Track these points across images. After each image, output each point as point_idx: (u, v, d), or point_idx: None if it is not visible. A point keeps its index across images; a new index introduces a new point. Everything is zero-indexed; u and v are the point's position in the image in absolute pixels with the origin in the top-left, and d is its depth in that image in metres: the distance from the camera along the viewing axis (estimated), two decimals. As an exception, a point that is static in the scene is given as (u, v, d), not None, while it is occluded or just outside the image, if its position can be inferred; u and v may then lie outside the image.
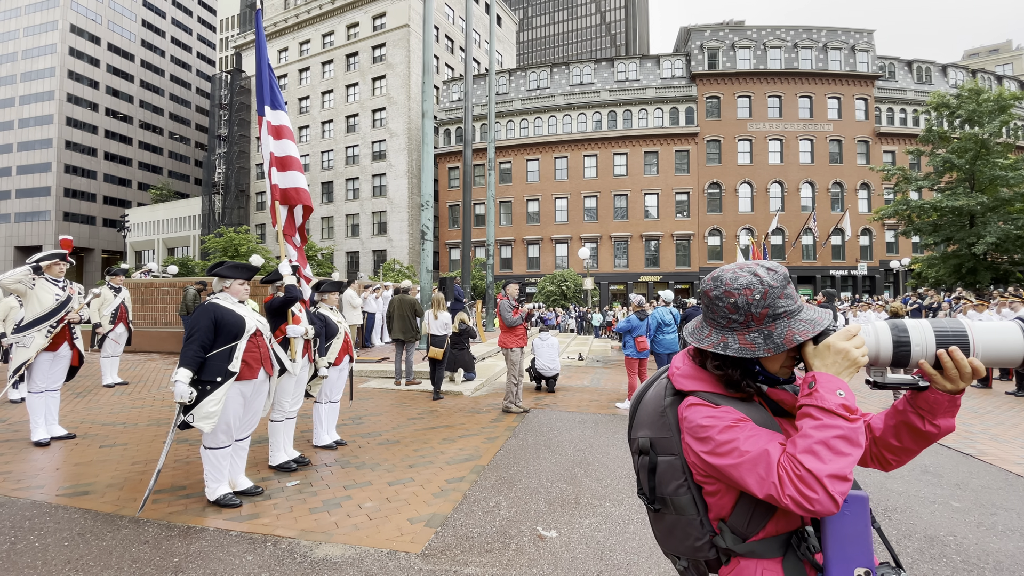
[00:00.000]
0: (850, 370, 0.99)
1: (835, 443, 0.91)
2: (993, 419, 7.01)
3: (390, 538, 3.18)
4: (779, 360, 1.10)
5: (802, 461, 0.91)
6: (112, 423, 5.83)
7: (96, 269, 60.70)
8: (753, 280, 1.07)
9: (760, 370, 1.12)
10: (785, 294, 1.07)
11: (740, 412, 1.05)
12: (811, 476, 0.90)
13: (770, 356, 1.07)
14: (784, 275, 1.10)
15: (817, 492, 0.90)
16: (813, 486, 0.90)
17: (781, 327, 1.06)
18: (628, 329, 7.44)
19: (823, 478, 0.89)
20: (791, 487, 0.92)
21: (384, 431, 5.79)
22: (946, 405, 1.04)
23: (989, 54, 73.74)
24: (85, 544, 3.01)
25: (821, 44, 36.41)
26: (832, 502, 0.90)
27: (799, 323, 1.06)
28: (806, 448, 0.92)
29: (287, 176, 4.77)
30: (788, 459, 0.94)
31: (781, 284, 1.08)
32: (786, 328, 1.05)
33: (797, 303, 1.08)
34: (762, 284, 1.07)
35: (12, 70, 60.94)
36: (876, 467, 1.17)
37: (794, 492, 0.91)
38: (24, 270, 4.77)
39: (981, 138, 20.46)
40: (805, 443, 0.93)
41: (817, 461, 0.91)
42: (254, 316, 3.69)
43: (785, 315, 1.06)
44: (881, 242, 36.53)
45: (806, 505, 0.91)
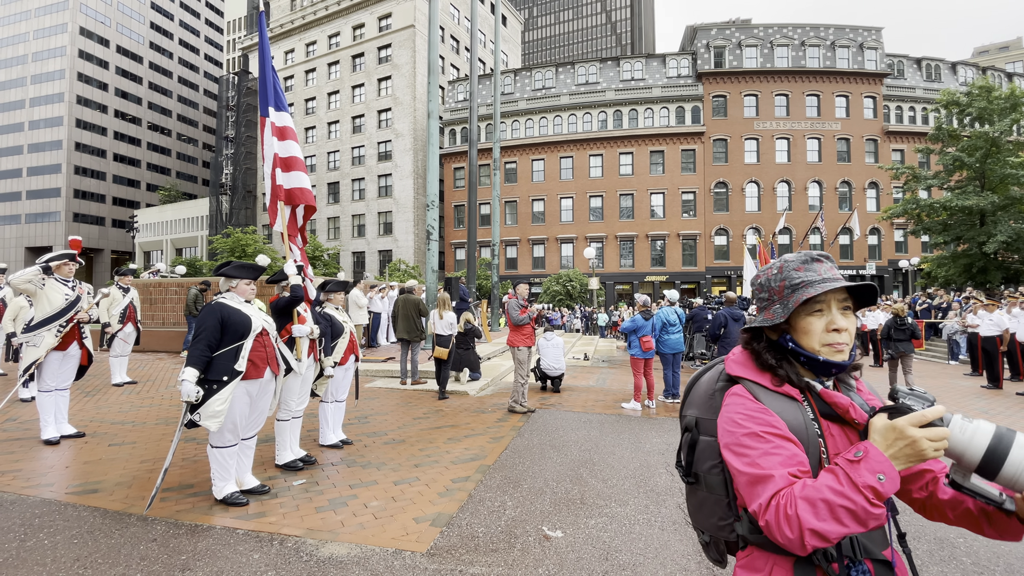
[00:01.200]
0: (910, 460, 0.91)
1: (839, 512, 0.89)
2: (1004, 420, 6.94)
3: (396, 537, 3.18)
4: (810, 334, 1.10)
5: (798, 507, 0.91)
6: (121, 422, 5.88)
7: (105, 269, 61.27)
8: (776, 262, 1.19)
9: (795, 347, 1.11)
10: (804, 268, 1.13)
11: (775, 416, 1.05)
12: (797, 522, 0.90)
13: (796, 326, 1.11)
14: (809, 254, 1.16)
15: (793, 536, 0.91)
16: (793, 530, 0.91)
17: (797, 295, 1.10)
18: (633, 329, 7.42)
19: (806, 529, 0.90)
20: (774, 517, 0.94)
21: (390, 430, 5.80)
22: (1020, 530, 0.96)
23: (999, 51, 72.93)
24: (94, 542, 3.03)
25: (829, 42, 36.14)
26: (801, 548, 0.91)
27: (812, 287, 1.09)
28: (810, 498, 0.91)
29: (291, 176, 4.78)
30: (788, 495, 0.94)
31: (799, 259, 1.15)
32: (800, 294, 1.09)
33: (820, 276, 1.11)
34: (781, 261, 1.18)
35: (23, 72, 61.64)
36: (915, 510, 1.15)
37: (774, 522, 0.94)
38: (34, 270, 4.82)
39: (992, 136, 20.24)
40: (813, 494, 0.92)
41: (811, 515, 0.90)
42: (260, 316, 3.71)
43: (803, 285, 1.11)
44: (890, 241, 36.22)
45: (777, 537, 0.93)
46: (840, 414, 1.09)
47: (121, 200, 64.71)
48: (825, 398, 1.10)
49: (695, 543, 3.20)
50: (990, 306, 10.47)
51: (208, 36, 78.54)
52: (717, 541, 1.23)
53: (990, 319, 10.01)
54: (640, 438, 5.70)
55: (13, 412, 6.10)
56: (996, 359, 9.69)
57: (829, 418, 1.10)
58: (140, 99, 66.91)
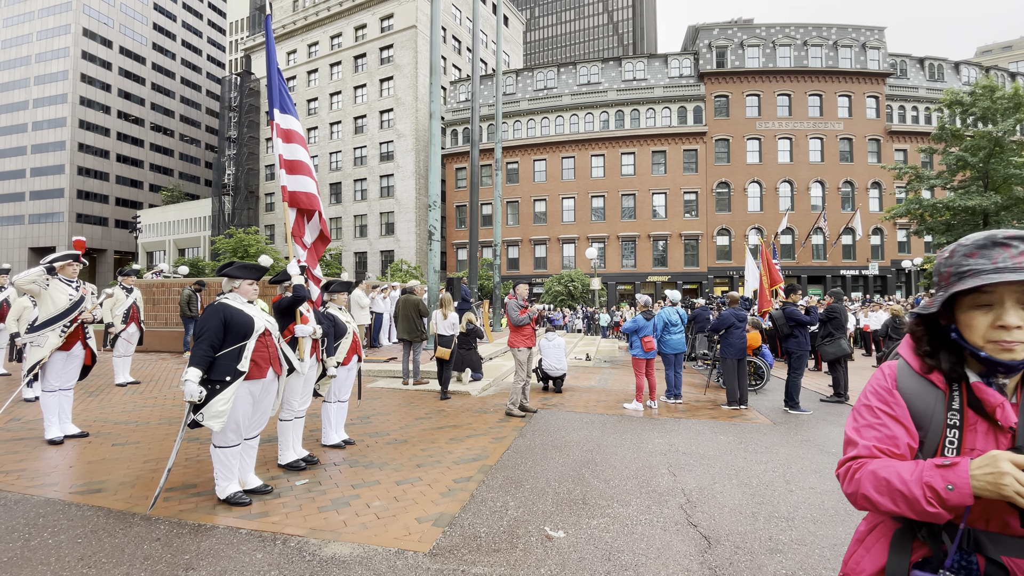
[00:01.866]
0: (988, 489, 0.92)
1: (895, 494, 1.00)
2: (1007, 421, 6.92)
3: (398, 537, 3.19)
4: (972, 328, 1.05)
5: (863, 474, 1.06)
6: (124, 422, 5.90)
7: (108, 270, 61.45)
8: (952, 245, 1.11)
9: (958, 338, 1.08)
10: (979, 254, 1.04)
11: (899, 398, 1.13)
12: (855, 484, 1.07)
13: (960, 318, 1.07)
14: (991, 237, 1.05)
15: (848, 490, 1.10)
16: (849, 486, 1.10)
17: (961, 282, 1.03)
18: (634, 329, 7.42)
19: (859, 491, 1.06)
20: (843, 473, 1.12)
21: (392, 430, 5.81)
22: None
23: (1002, 51, 72.64)
24: (98, 541, 3.05)
25: (831, 42, 36.07)
26: (854, 500, 1.09)
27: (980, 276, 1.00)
28: (877, 472, 1.04)
29: (296, 180, 4.79)
30: (861, 464, 1.09)
31: (974, 243, 1.06)
32: (965, 282, 1.02)
33: (994, 264, 1.01)
34: (956, 244, 1.10)
35: (26, 73, 61.88)
36: None
37: (841, 474, 1.13)
38: (38, 271, 4.84)
39: (995, 136, 20.15)
40: (883, 470, 1.03)
41: (871, 484, 1.04)
42: (263, 316, 3.72)
43: (969, 274, 1.03)
44: (893, 241, 36.13)
45: (842, 484, 1.13)
46: (988, 412, 1.06)
47: (124, 201, 64.92)
48: (976, 392, 1.07)
49: (697, 544, 3.20)
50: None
51: (211, 37, 78.74)
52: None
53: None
54: (642, 438, 5.70)
55: (17, 412, 6.12)
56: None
57: (980, 413, 1.07)
58: (143, 100, 67.12)
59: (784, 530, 3.42)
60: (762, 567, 2.93)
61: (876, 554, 1.15)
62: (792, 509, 3.77)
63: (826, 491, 4.16)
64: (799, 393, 7.45)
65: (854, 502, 1.09)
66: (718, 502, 3.88)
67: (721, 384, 8.29)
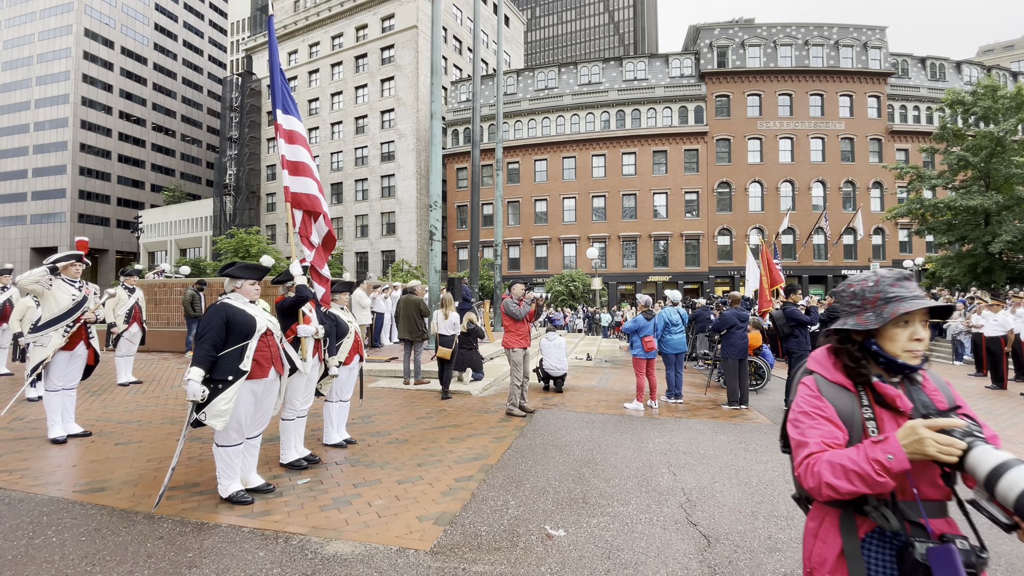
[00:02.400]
0: (916, 451, 1.14)
1: (851, 475, 1.19)
2: (1008, 420, 6.92)
3: (399, 535, 3.21)
4: (895, 340, 1.33)
5: (821, 466, 1.24)
6: (127, 421, 5.92)
7: (110, 270, 61.57)
8: (871, 275, 1.40)
9: (879, 350, 1.35)
10: (899, 285, 1.34)
11: (828, 402, 1.36)
12: (816, 476, 1.24)
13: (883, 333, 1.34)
14: (900, 273, 1.37)
15: (813, 485, 1.25)
16: (810, 479, 1.26)
17: (891, 307, 1.31)
18: (635, 329, 7.43)
19: (821, 482, 1.23)
20: (803, 471, 1.29)
21: (393, 430, 5.83)
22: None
23: (1004, 50, 72.46)
24: (101, 539, 3.07)
25: (832, 41, 36.04)
26: (818, 493, 1.26)
27: (907, 303, 1.29)
28: (831, 461, 1.23)
29: (298, 181, 4.79)
30: (816, 457, 1.27)
31: (894, 276, 1.36)
32: (895, 307, 1.30)
33: (912, 293, 1.32)
34: (876, 275, 1.38)
35: (28, 74, 62.01)
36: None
37: (802, 474, 1.28)
38: (41, 271, 4.87)
39: (996, 136, 20.12)
40: (835, 459, 1.23)
41: (829, 473, 1.22)
42: (265, 316, 3.74)
43: (896, 299, 1.32)
44: (894, 241, 36.09)
45: (804, 484, 1.29)
46: (888, 403, 1.33)
47: (126, 201, 65.03)
48: (879, 389, 1.34)
49: (696, 542, 3.22)
50: (994, 306, 10.44)
51: (212, 37, 78.85)
52: (801, 499, 1.55)
53: (994, 319, 9.98)
54: (642, 438, 5.71)
55: (20, 411, 6.15)
56: (1000, 359, 9.67)
57: (883, 406, 1.34)
58: (144, 100, 67.23)
59: (783, 529, 3.44)
60: (761, 565, 2.95)
61: (831, 542, 1.34)
62: (792, 508, 3.78)
63: (826, 490, 4.17)
64: (799, 393, 7.45)
65: (817, 494, 1.26)
66: (718, 501, 3.90)
67: (722, 384, 8.30)
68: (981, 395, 8.98)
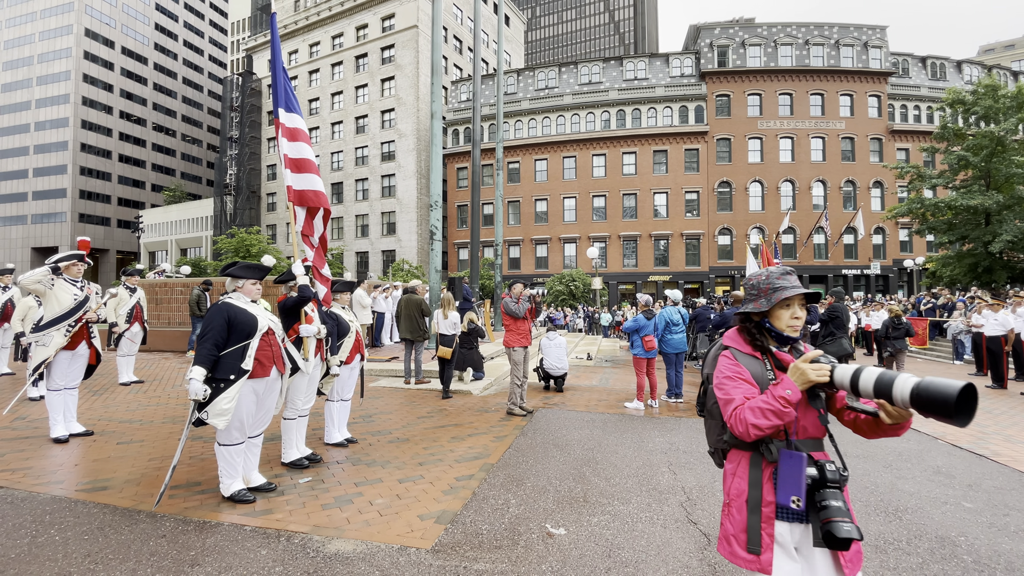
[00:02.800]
0: (804, 382, 1.57)
1: (766, 411, 1.58)
2: (1008, 419, 6.92)
3: (401, 534, 3.22)
4: (780, 319, 1.79)
5: (745, 413, 1.62)
6: (129, 420, 5.94)
7: (111, 269, 61.61)
8: (763, 272, 1.85)
9: (771, 327, 1.81)
10: (783, 278, 1.79)
11: (744, 368, 1.76)
12: (743, 422, 1.62)
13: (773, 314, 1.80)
14: (784, 269, 1.82)
15: (741, 429, 1.63)
16: (739, 425, 1.64)
17: (776, 295, 1.76)
18: (635, 329, 7.44)
19: (748, 424, 1.61)
20: (732, 420, 1.67)
21: (394, 429, 5.84)
22: (888, 428, 1.54)
23: (1005, 50, 72.38)
24: (104, 538, 3.08)
25: (833, 41, 36.02)
26: (747, 435, 1.62)
27: (787, 291, 1.75)
28: (751, 407, 1.62)
29: (302, 178, 4.78)
30: (741, 408, 1.65)
31: (779, 272, 1.81)
32: (779, 294, 1.75)
33: (791, 284, 1.77)
34: (766, 272, 1.84)
35: (28, 74, 62.04)
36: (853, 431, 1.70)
37: (732, 423, 1.67)
38: (43, 271, 4.88)
39: (997, 135, 20.10)
40: (753, 403, 1.62)
41: (751, 415, 1.61)
42: (266, 315, 3.75)
43: (780, 289, 1.77)
44: (895, 241, 36.07)
45: (735, 431, 1.67)
46: (784, 366, 1.77)
47: (126, 201, 65.07)
48: (778, 357, 1.79)
49: (697, 541, 3.23)
50: (995, 306, 10.44)
51: (212, 37, 78.85)
52: (716, 451, 1.95)
53: (995, 319, 9.98)
54: (643, 437, 5.72)
55: (23, 411, 6.17)
56: (1001, 359, 9.67)
57: (781, 369, 1.77)
58: (145, 100, 67.26)
59: (783, 528, 3.44)
60: (761, 564, 2.96)
61: (742, 477, 1.75)
62: (792, 507, 3.79)
63: (826, 489, 4.18)
64: (800, 392, 7.46)
65: (746, 436, 1.62)
66: (718, 500, 3.91)
67: (722, 383, 8.30)
68: (981, 394, 8.94)
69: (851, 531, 1.50)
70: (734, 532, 1.73)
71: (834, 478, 1.59)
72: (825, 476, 1.59)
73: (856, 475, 4.56)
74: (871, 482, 4.38)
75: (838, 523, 1.51)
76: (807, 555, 1.64)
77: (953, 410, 1.29)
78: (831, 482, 1.58)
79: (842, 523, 1.51)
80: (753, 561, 1.66)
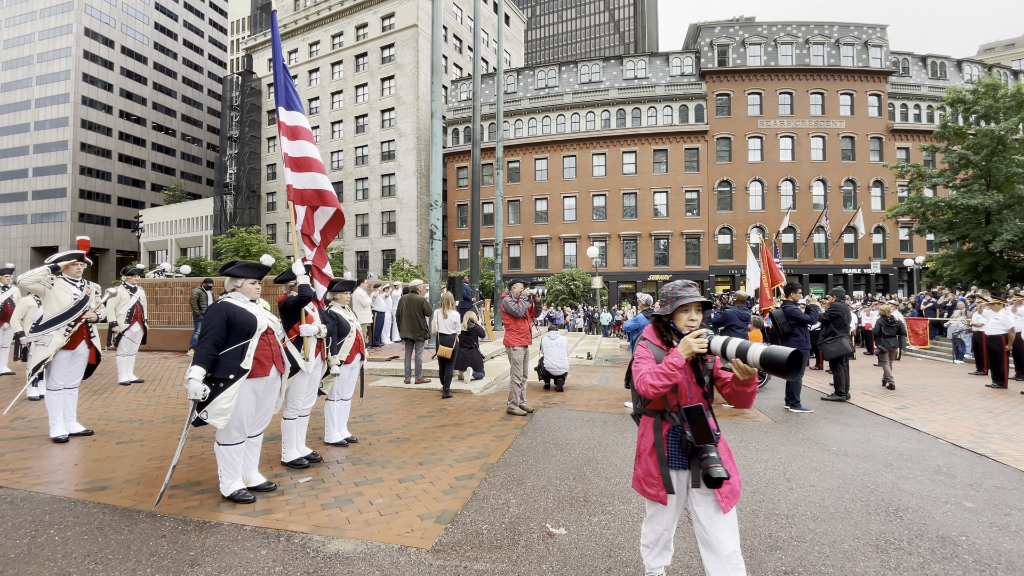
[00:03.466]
0: (689, 351, 2.06)
1: (659, 374, 2.08)
2: (1008, 419, 6.92)
3: (401, 534, 3.22)
4: (680, 320, 2.27)
5: (646, 376, 2.12)
6: (128, 420, 5.93)
7: (111, 269, 61.60)
8: (670, 284, 2.31)
9: (673, 326, 2.31)
10: (683, 289, 2.26)
11: (651, 353, 2.24)
12: (644, 383, 2.11)
13: (672, 315, 2.29)
14: (686, 283, 2.30)
15: (643, 388, 2.12)
16: (641, 385, 2.12)
17: (677, 302, 2.24)
18: (636, 328, 7.44)
19: (647, 385, 2.10)
20: (638, 383, 2.15)
21: (394, 429, 5.84)
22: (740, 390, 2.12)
23: (1005, 49, 72.34)
24: (104, 538, 3.08)
25: (833, 40, 35.99)
26: (647, 393, 2.11)
27: (685, 300, 2.22)
28: (651, 371, 2.12)
29: (302, 176, 4.74)
30: (644, 374, 2.13)
31: (682, 285, 2.28)
32: (679, 302, 2.23)
33: (689, 294, 2.24)
34: (672, 284, 2.31)
35: (28, 73, 62.00)
36: (728, 402, 2.21)
37: (638, 385, 2.16)
38: (43, 270, 4.87)
39: (997, 134, 20.07)
40: (651, 369, 2.13)
41: (650, 377, 2.10)
42: (265, 315, 3.74)
43: (680, 298, 2.24)
44: (895, 240, 36.06)
45: (639, 390, 2.15)
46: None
47: (126, 200, 65.04)
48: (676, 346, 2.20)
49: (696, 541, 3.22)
50: (995, 305, 10.43)
51: (212, 36, 78.80)
52: (636, 415, 2.41)
53: (995, 318, 9.97)
54: (643, 437, 5.70)
55: (22, 411, 6.16)
56: (1001, 358, 9.66)
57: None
58: (144, 99, 67.21)
59: (784, 527, 3.44)
60: (762, 564, 2.95)
61: (648, 436, 2.29)
62: (792, 507, 3.79)
63: (826, 489, 4.18)
64: (800, 392, 7.47)
65: (646, 394, 2.11)
66: (719, 500, 3.90)
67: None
68: (982, 394, 8.97)
69: (721, 472, 2.01)
70: (643, 476, 2.30)
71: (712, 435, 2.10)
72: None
73: (856, 474, 4.56)
74: (872, 481, 4.38)
75: (713, 467, 2.02)
76: (693, 494, 2.20)
77: (784, 368, 1.81)
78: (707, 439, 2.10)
79: (715, 467, 2.02)
80: (657, 496, 2.22)
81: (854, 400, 8.17)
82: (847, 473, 4.60)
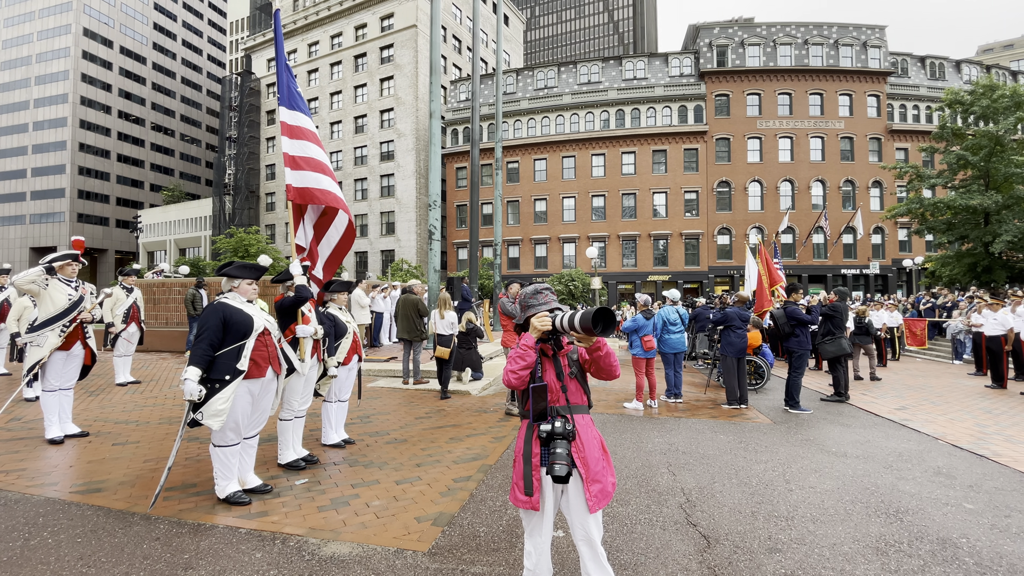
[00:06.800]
0: (535, 331, 2.19)
1: (514, 358, 2.18)
2: (1008, 420, 6.90)
3: (397, 536, 3.19)
4: (535, 324, 2.21)
5: (508, 365, 2.19)
6: (124, 421, 5.90)
7: (109, 269, 61.50)
8: (525, 290, 2.41)
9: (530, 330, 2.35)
10: (535, 298, 2.34)
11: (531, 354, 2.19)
12: (506, 371, 2.19)
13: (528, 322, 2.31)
14: (536, 289, 2.39)
15: (505, 378, 2.19)
16: (505, 375, 2.20)
17: (530, 310, 2.33)
18: (634, 328, 7.42)
19: (507, 371, 2.18)
20: (504, 378, 2.20)
21: (392, 430, 5.81)
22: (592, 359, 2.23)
23: (1003, 49, 72.44)
24: (98, 540, 3.05)
25: (832, 40, 36.02)
26: (509, 381, 2.18)
27: (534, 308, 2.31)
28: (510, 358, 2.20)
29: (302, 176, 4.70)
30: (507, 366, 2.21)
31: (531, 293, 2.37)
32: (530, 311, 2.32)
33: (539, 302, 2.32)
34: (525, 291, 2.40)
35: (27, 73, 61.90)
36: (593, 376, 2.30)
37: (504, 379, 2.20)
38: (37, 271, 4.84)
39: (996, 135, 20.09)
40: (512, 356, 2.20)
41: (509, 364, 2.19)
42: (262, 315, 3.72)
43: (531, 306, 2.33)
44: (894, 240, 36.08)
45: (506, 384, 2.20)
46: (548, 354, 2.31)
47: (125, 200, 64.95)
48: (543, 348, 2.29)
49: (696, 543, 3.20)
50: (994, 305, 10.42)
51: (211, 37, 78.72)
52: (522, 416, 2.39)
53: (994, 318, 9.96)
54: (642, 438, 5.69)
55: (17, 412, 6.13)
56: (1000, 358, 9.65)
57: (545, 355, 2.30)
58: (143, 100, 67.13)
59: (784, 529, 3.42)
60: (761, 566, 2.93)
61: (521, 438, 2.29)
62: (792, 508, 3.77)
63: (826, 490, 4.15)
64: (799, 392, 7.45)
65: (511, 383, 2.16)
66: (718, 501, 3.88)
67: (721, 383, 8.28)
68: (981, 394, 8.95)
69: (561, 469, 2.02)
70: (516, 480, 2.24)
71: (562, 432, 2.09)
72: (555, 430, 2.09)
73: (856, 476, 4.54)
74: (871, 483, 4.36)
75: (554, 464, 2.03)
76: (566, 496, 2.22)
77: (592, 323, 1.96)
78: (559, 435, 2.08)
79: (556, 464, 2.03)
80: (527, 502, 2.16)
81: (854, 401, 8.15)
82: (847, 474, 4.58)
